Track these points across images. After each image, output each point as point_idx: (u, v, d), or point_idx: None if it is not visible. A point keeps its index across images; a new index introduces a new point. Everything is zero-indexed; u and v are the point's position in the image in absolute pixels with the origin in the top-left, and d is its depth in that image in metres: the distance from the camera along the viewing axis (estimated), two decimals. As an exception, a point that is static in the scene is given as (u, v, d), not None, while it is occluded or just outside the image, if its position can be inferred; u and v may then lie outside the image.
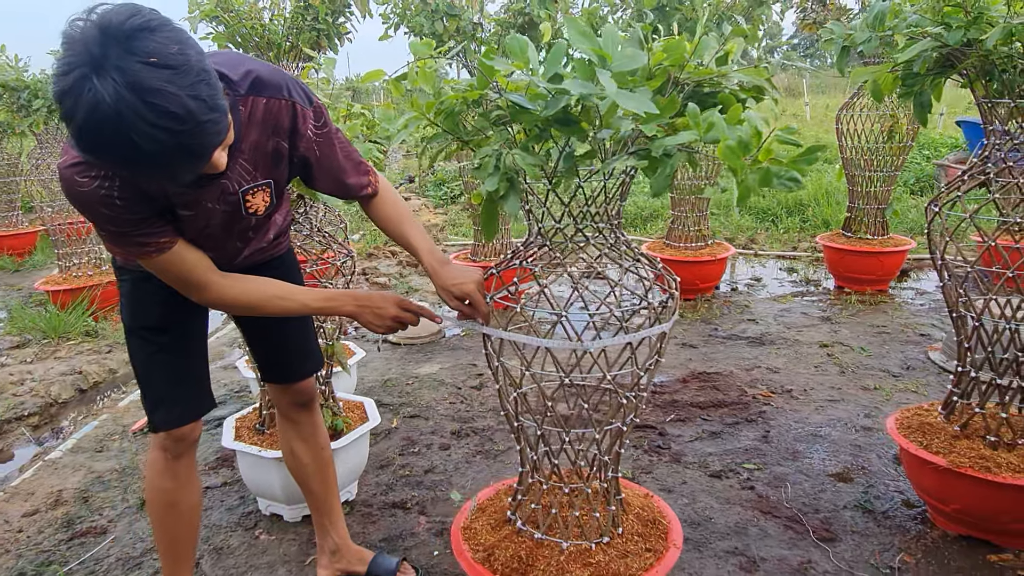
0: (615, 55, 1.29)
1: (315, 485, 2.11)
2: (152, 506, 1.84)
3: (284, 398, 2.04)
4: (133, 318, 1.76)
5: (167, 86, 1.11)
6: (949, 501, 2.20)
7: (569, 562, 1.71)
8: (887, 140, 4.73)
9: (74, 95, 1.10)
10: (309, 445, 2.08)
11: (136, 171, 1.22)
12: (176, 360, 1.78)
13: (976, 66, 2.00)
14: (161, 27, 1.13)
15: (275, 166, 1.60)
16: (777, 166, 1.20)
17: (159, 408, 1.77)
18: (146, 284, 1.70)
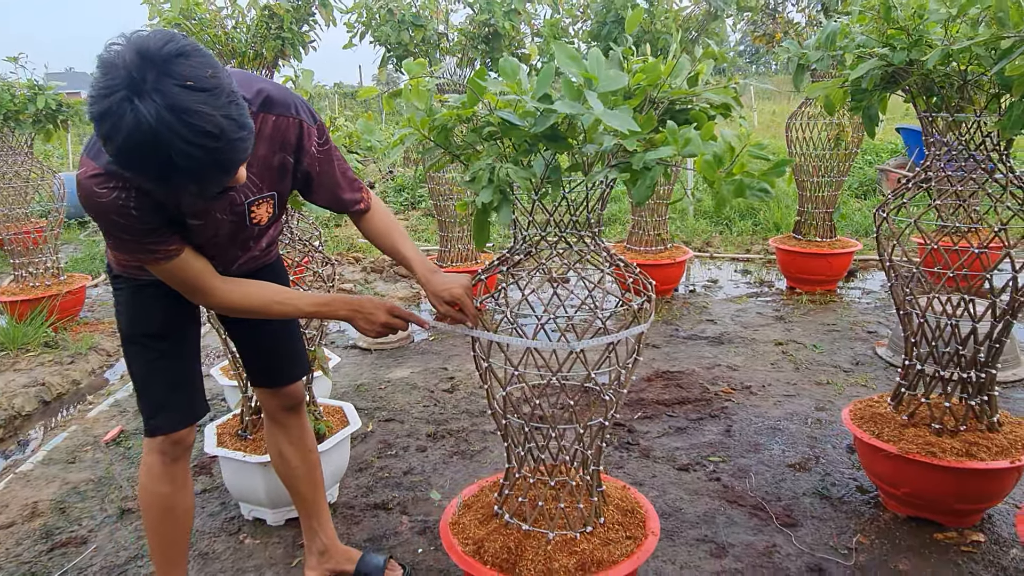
0: (600, 76, 1.40)
1: (304, 487, 2.17)
2: (148, 510, 1.87)
3: (273, 402, 2.09)
4: (132, 325, 1.81)
5: (203, 107, 1.19)
6: (899, 485, 2.37)
7: (556, 551, 1.80)
8: (834, 147, 4.98)
9: (115, 116, 1.18)
10: (297, 448, 2.13)
11: (170, 185, 1.29)
12: (175, 366, 1.84)
13: (918, 83, 2.18)
14: (194, 53, 1.21)
15: (280, 180, 1.68)
16: (750, 178, 1.33)
17: (159, 413, 1.81)
18: (145, 291, 1.76)
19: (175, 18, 4.56)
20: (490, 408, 1.88)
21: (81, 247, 7.68)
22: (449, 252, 5.08)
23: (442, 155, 1.64)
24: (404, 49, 4.48)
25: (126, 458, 3.09)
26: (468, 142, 1.59)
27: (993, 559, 2.21)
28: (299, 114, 1.61)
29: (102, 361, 4.52)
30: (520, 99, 1.44)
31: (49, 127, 4.80)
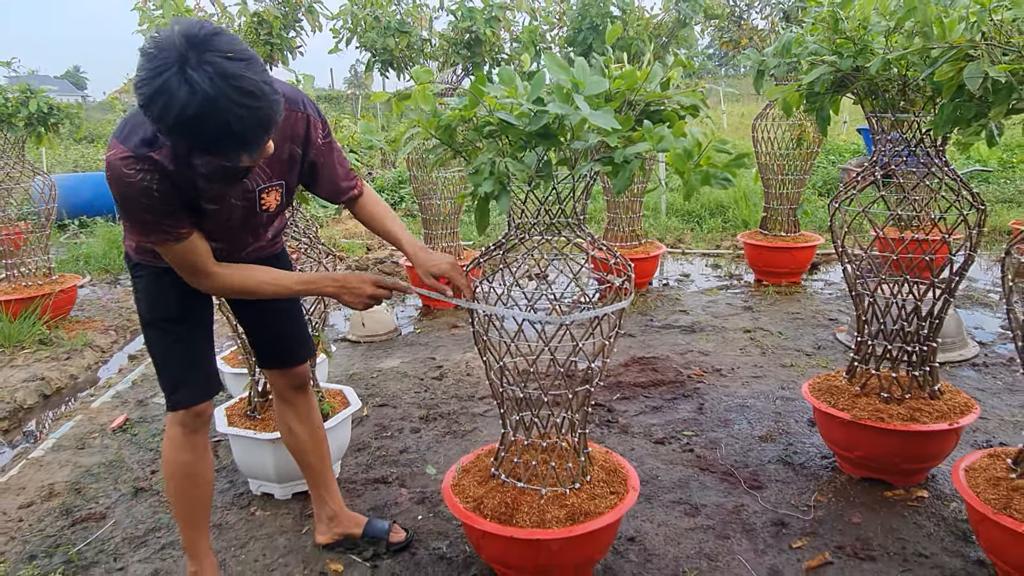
0: (586, 82, 1.62)
1: (313, 460, 2.36)
2: (172, 479, 2.04)
3: (283, 381, 2.28)
4: (152, 310, 1.98)
5: (246, 72, 1.39)
6: (853, 449, 2.63)
7: (548, 505, 2.02)
8: (797, 147, 5.28)
9: (170, 91, 1.36)
10: (305, 424, 2.32)
11: (221, 149, 1.46)
12: (192, 346, 2.02)
13: (864, 87, 2.44)
14: (225, 32, 1.43)
15: (288, 170, 1.88)
16: (714, 169, 1.56)
17: (179, 389, 1.99)
18: (164, 278, 1.93)
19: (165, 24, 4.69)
20: (487, 378, 2.09)
21: (63, 249, 7.73)
22: (433, 248, 5.27)
23: (445, 151, 1.86)
24: (389, 54, 4.68)
25: (134, 443, 3.25)
26: (469, 140, 1.80)
27: (935, 512, 2.47)
28: (306, 109, 1.83)
29: (97, 357, 4.64)
30: (516, 102, 1.66)
31: (40, 130, 4.91)
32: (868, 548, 2.28)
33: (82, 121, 5.27)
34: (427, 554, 2.35)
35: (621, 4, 4.61)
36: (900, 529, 2.38)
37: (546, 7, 4.99)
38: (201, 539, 2.11)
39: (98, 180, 9.67)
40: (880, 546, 2.29)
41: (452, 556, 2.33)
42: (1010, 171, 9.11)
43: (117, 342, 5.00)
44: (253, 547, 2.43)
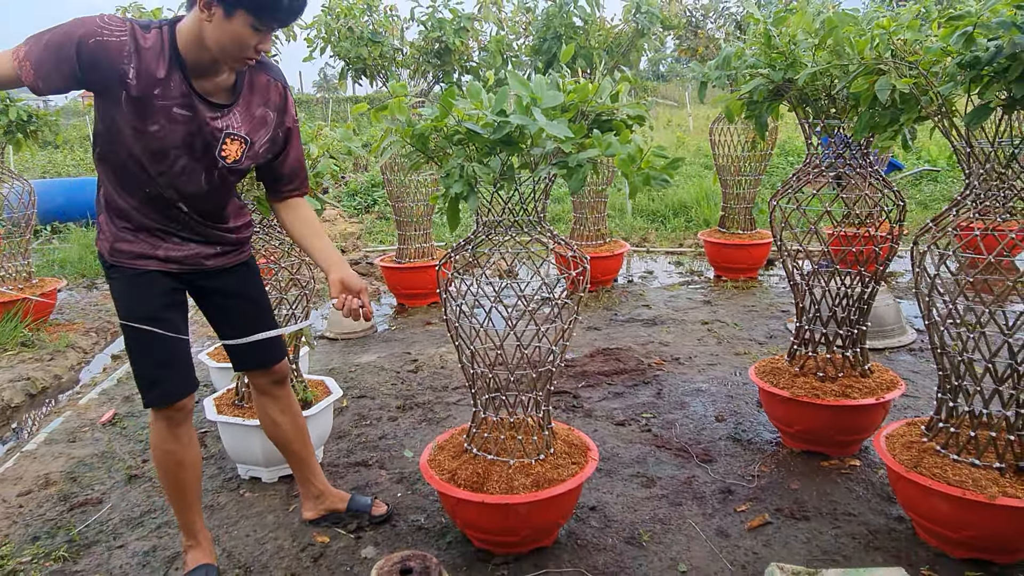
0: (543, 96, 1.86)
1: (296, 446, 2.54)
2: (161, 466, 2.18)
3: (264, 379, 2.39)
4: (128, 311, 2.03)
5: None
6: (793, 424, 2.90)
7: (516, 473, 2.25)
8: (751, 149, 5.58)
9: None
10: (286, 414, 2.47)
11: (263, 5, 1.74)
12: (166, 346, 2.05)
13: (796, 96, 2.71)
14: None
15: (258, 129, 2.01)
16: (654, 171, 1.80)
17: (154, 388, 2.06)
18: (139, 280, 2.03)
19: (145, 34, 4.82)
20: (460, 362, 2.32)
21: (37, 255, 7.77)
22: (407, 249, 5.48)
23: (419, 157, 2.08)
24: (363, 63, 4.88)
25: (124, 436, 3.41)
26: (440, 147, 2.03)
27: (865, 478, 2.75)
28: (283, 81, 2.08)
29: (80, 357, 4.77)
30: (482, 113, 1.89)
31: (20, 137, 5.01)
32: (803, 510, 2.55)
33: (59, 128, 5.38)
34: (406, 525, 2.56)
35: (583, 15, 4.86)
36: (833, 493, 2.65)
37: (512, 18, 5.23)
38: (194, 517, 2.27)
39: (70, 186, 9.69)
40: (814, 508, 2.56)
41: (429, 527, 2.54)
42: (958, 170, 9.57)
43: (98, 343, 5.12)
44: (244, 524, 2.62)
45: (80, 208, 9.27)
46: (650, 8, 4.79)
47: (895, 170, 8.90)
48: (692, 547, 2.36)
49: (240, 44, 1.79)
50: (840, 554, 2.29)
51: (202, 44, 1.81)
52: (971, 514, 2.10)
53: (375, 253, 7.31)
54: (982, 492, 2.07)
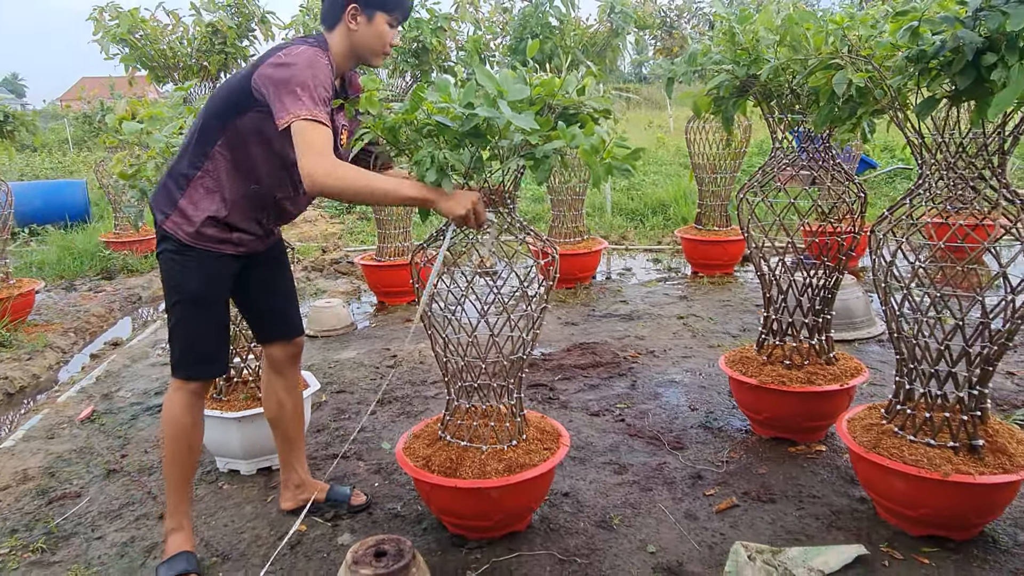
0: (509, 89, 1.91)
1: (292, 430, 2.59)
2: (171, 435, 2.26)
3: (284, 353, 2.51)
4: (203, 287, 2.19)
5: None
6: (761, 411, 2.98)
7: (488, 459, 2.30)
8: (725, 147, 5.68)
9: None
10: (292, 395, 2.56)
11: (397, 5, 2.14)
12: (221, 325, 2.29)
13: (760, 92, 2.79)
14: None
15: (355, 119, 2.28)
16: (616, 161, 1.87)
17: (203, 362, 2.25)
18: (219, 262, 2.20)
19: (123, 34, 4.86)
20: (433, 351, 2.37)
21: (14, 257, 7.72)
22: (387, 248, 5.52)
23: (390, 149, 2.13)
24: (341, 62, 4.91)
25: (102, 432, 3.43)
26: (411, 139, 2.08)
27: (830, 462, 2.83)
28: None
29: (58, 357, 4.77)
30: (451, 106, 1.94)
31: (-3, 136, 5.01)
32: (770, 493, 2.62)
33: (37, 129, 5.38)
34: (383, 514, 2.60)
35: (559, 15, 4.93)
36: (799, 477, 2.73)
37: (489, 18, 5.29)
38: (185, 498, 2.32)
39: (48, 188, 9.64)
40: (780, 491, 2.63)
41: (405, 514, 2.59)
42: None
43: (77, 343, 5.12)
44: (222, 515, 2.65)
45: (58, 210, 9.22)
46: (624, 8, 4.87)
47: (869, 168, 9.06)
48: (661, 529, 2.43)
49: (382, 40, 2.15)
50: (804, 534, 2.37)
51: (349, 53, 2.16)
52: (927, 492, 2.19)
53: (356, 252, 7.34)
54: (937, 470, 2.15)
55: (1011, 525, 2.35)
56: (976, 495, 2.14)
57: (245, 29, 5.14)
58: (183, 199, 2.17)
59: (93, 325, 5.45)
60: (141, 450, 3.21)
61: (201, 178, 2.16)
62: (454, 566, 2.27)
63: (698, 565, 2.23)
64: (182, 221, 2.16)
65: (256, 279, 2.41)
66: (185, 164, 2.18)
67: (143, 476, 2.97)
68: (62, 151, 17.14)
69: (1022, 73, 1.73)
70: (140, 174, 2.60)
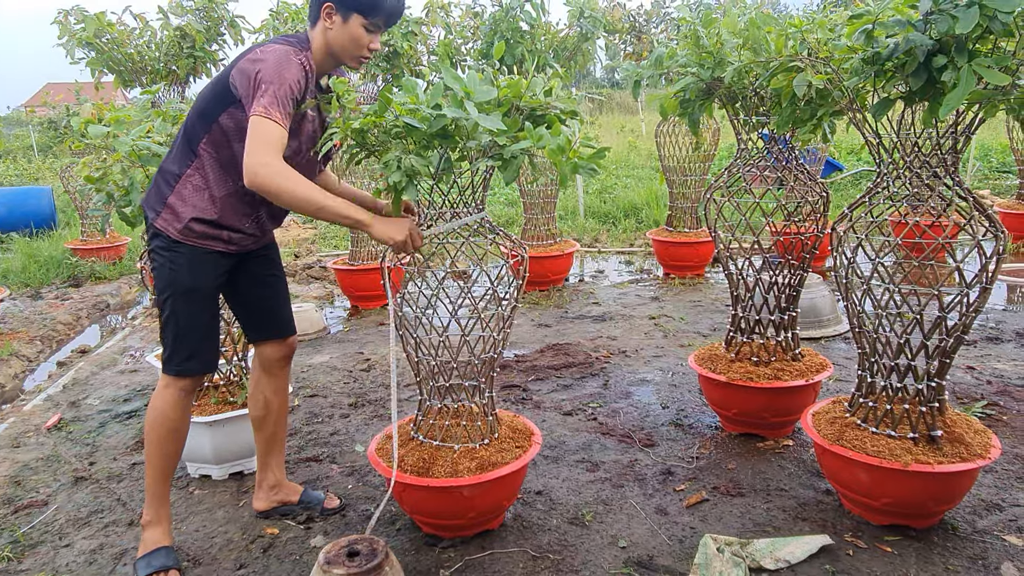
0: (476, 91, 1.94)
1: (276, 428, 2.59)
2: (156, 431, 2.25)
3: (277, 352, 2.50)
4: (194, 282, 2.20)
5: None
6: (730, 407, 3.03)
7: (461, 458, 2.32)
8: (695, 150, 5.76)
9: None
10: (277, 395, 2.56)
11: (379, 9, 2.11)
12: (212, 321, 2.29)
13: (725, 94, 2.84)
14: None
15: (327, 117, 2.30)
16: (582, 160, 1.90)
17: (194, 357, 2.24)
18: (207, 256, 2.20)
19: (88, 37, 4.81)
20: (405, 351, 2.38)
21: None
22: (360, 252, 5.51)
23: (358, 151, 2.14)
24: (311, 66, 4.90)
25: (70, 440, 3.38)
26: (380, 140, 2.09)
27: (797, 456, 2.89)
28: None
29: (24, 366, 4.69)
30: (418, 107, 1.96)
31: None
32: (739, 487, 2.67)
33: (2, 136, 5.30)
34: (356, 515, 2.61)
35: (529, 20, 4.98)
36: (766, 471, 2.78)
37: (460, 22, 5.31)
38: (165, 491, 2.32)
39: (13, 195, 9.46)
40: (748, 485, 2.68)
41: (379, 515, 2.59)
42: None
43: (43, 351, 5.03)
44: (193, 520, 2.63)
45: (23, 218, 9.06)
46: (593, 13, 4.92)
47: (835, 171, 9.24)
48: (632, 524, 2.46)
49: (358, 43, 2.14)
50: (771, 525, 2.42)
51: (325, 52, 2.15)
52: (888, 481, 2.25)
53: (329, 257, 7.31)
54: (897, 460, 2.21)
55: (970, 513, 2.42)
56: (935, 483, 2.20)
57: (214, 33, 5.11)
58: (172, 196, 2.18)
59: (60, 333, 5.37)
60: (110, 457, 3.17)
61: (190, 176, 2.17)
62: (428, 565, 2.28)
63: (668, 558, 2.27)
64: (171, 218, 2.17)
65: (250, 276, 2.43)
66: (174, 163, 2.20)
67: (112, 483, 2.93)
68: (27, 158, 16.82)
69: (971, 74, 1.80)
70: (107, 178, 2.58)
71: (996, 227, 2.17)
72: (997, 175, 9.46)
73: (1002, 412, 3.17)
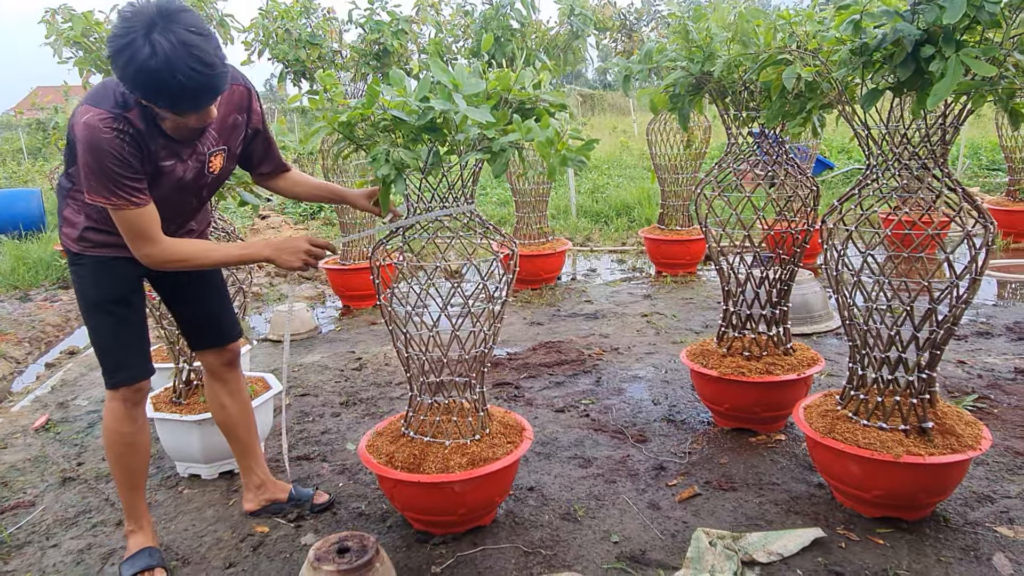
0: (464, 83, 1.93)
1: (241, 432, 2.57)
2: (113, 447, 2.23)
3: (218, 359, 2.48)
4: (99, 293, 2.15)
5: (203, 45, 1.70)
6: (722, 402, 3.02)
7: (451, 454, 2.31)
8: (686, 148, 5.76)
9: (135, 48, 1.66)
10: (235, 399, 2.53)
11: (175, 103, 1.77)
12: (134, 329, 2.22)
13: (714, 89, 2.84)
14: (193, 12, 1.73)
15: (232, 136, 2.16)
16: (570, 152, 1.89)
17: (122, 368, 2.19)
18: (111, 264, 2.13)
19: (76, 36, 4.76)
20: (395, 347, 2.37)
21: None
22: (351, 251, 5.49)
23: (347, 144, 2.13)
24: (301, 65, 4.89)
25: (57, 440, 3.35)
26: (368, 134, 2.08)
27: (789, 451, 2.88)
28: (247, 83, 2.14)
29: (12, 368, 4.65)
30: (406, 100, 1.95)
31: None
32: (731, 481, 2.66)
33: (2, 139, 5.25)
34: (347, 513, 2.59)
35: (520, 18, 4.97)
36: (759, 466, 2.77)
37: (451, 20, 5.31)
38: (139, 502, 2.31)
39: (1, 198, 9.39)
40: (741, 479, 2.68)
41: (370, 513, 2.58)
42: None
43: (32, 353, 4.99)
44: (183, 520, 2.61)
45: (12, 221, 8.99)
46: (583, 11, 4.93)
47: (826, 169, 9.27)
48: (625, 520, 2.45)
49: (180, 127, 1.95)
50: (763, 519, 2.41)
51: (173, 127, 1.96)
52: (880, 473, 2.24)
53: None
54: (889, 452, 2.21)
55: (961, 504, 2.42)
56: (926, 475, 2.20)
57: (203, 32, 5.06)
58: (67, 209, 2.14)
59: (49, 335, 5.33)
60: (98, 457, 3.14)
61: (76, 189, 2.10)
62: (419, 562, 2.27)
63: (661, 552, 2.26)
64: (70, 231, 2.14)
65: (173, 287, 2.39)
66: (65, 176, 2.16)
67: (100, 483, 2.91)
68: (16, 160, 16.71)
69: (958, 64, 1.80)
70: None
71: (985, 218, 2.17)
72: (987, 172, 9.51)
73: (993, 405, 3.18)
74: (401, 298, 2.30)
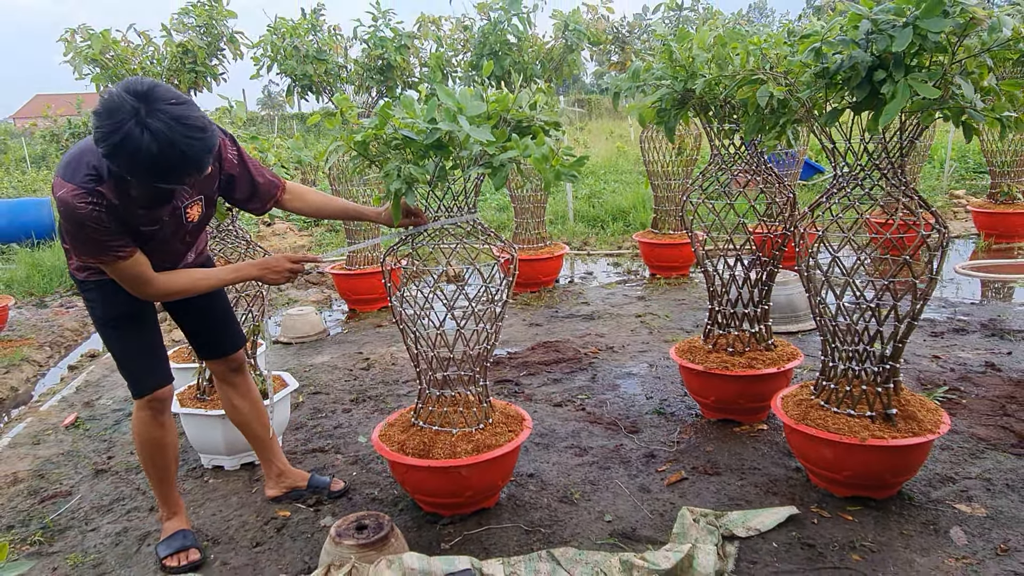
0: (467, 105, 2.16)
1: (256, 428, 2.78)
2: (143, 448, 2.43)
3: (223, 367, 2.68)
4: (108, 312, 2.29)
5: (190, 112, 1.80)
6: (708, 395, 3.25)
7: (458, 441, 2.53)
8: (678, 155, 5.99)
9: (133, 140, 1.73)
10: (245, 399, 2.74)
11: (181, 174, 1.85)
12: (147, 341, 2.38)
13: (697, 104, 3.07)
14: (163, 84, 1.82)
15: (207, 183, 2.24)
16: (564, 167, 2.12)
17: (141, 379, 2.35)
18: (118, 287, 2.21)
19: (94, 54, 5.00)
20: (405, 344, 2.59)
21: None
22: (356, 257, 5.72)
23: (361, 162, 2.35)
24: (308, 80, 5.12)
25: (87, 436, 3.57)
26: (381, 151, 2.31)
27: (770, 439, 3.11)
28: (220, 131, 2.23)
29: (35, 370, 4.87)
30: (415, 121, 2.18)
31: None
32: (716, 467, 2.89)
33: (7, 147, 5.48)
34: (361, 498, 2.81)
35: (516, 33, 5.21)
36: (742, 453, 2.99)
37: (451, 35, 5.54)
38: (171, 491, 2.52)
39: (12, 207, 9.61)
40: (725, 465, 2.90)
41: (383, 498, 2.80)
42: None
43: (53, 357, 5.21)
44: (210, 506, 2.83)
45: (24, 229, 9.21)
46: (577, 26, 5.16)
47: (816, 172, 9.51)
48: (617, 502, 2.67)
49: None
50: (744, 500, 2.63)
51: None
52: (848, 455, 2.47)
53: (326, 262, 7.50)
54: (856, 436, 2.43)
55: (925, 485, 2.64)
56: (890, 456, 2.43)
57: (215, 48, 5.32)
58: (65, 244, 2.24)
59: (68, 339, 5.55)
60: (127, 452, 3.36)
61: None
62: (428, 540, 2.48)
63: (650, 530, 2.48)
64: (72, 262, 2.28)
65: (176, 303, 2.50)
66: None
67: (131, 474, 3.13)
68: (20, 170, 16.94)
69: (906, 87, 2.03)
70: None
71: (939, 223, 2.39)
72: (973, 175, 9.75)
73: (962, 396, 3.40)
74: (410, 300, 2.53)
